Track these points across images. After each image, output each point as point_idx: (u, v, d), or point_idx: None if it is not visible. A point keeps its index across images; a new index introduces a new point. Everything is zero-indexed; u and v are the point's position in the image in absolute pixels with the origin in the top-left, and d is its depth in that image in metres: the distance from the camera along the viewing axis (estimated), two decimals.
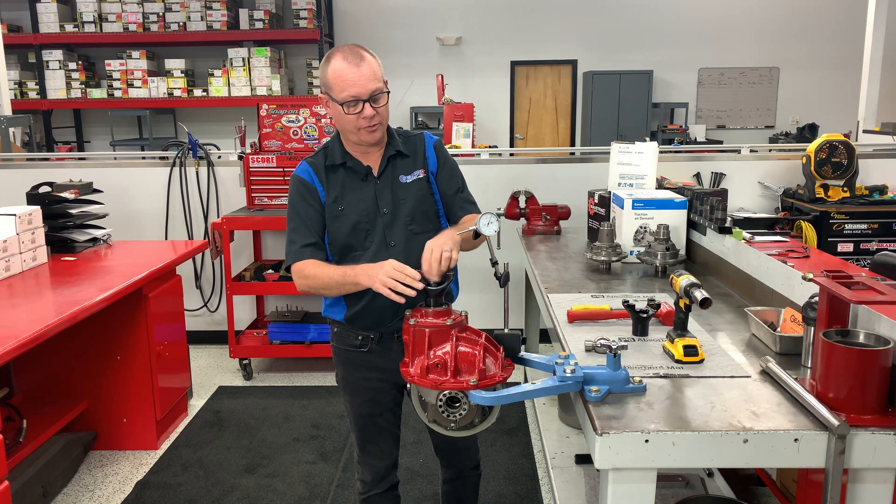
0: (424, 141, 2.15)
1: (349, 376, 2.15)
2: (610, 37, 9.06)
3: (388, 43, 9.07)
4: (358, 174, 2.03)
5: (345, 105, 1.91)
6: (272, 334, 4.22)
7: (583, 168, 4.47)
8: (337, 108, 1.94)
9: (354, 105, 1.91)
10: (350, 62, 1.91)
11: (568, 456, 2.99)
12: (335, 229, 2.02)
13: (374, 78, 1.92)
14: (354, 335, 2.09)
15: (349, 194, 2.02)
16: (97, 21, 8.53)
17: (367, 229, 2.01)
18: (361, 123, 1.94)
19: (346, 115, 1.93)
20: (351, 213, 2.01)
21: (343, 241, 2.01)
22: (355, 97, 1.90)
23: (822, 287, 1.66)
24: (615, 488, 1.51)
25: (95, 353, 3.30)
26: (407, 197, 2.05)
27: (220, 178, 4.59)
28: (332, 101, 1.95)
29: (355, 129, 1.95)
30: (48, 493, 2.96)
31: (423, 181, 2.09)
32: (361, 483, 2.21)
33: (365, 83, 1.91)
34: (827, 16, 8.86)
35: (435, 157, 2.14)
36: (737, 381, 1.74)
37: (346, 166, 2.03)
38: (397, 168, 2.07)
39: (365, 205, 2.01)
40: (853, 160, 4.06)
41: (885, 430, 1.46)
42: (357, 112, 1.92)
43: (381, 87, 1.94)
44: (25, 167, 4.72)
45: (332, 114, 1.99)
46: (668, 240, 2.88)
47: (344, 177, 2.03)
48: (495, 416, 1.71)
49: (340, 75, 1.90)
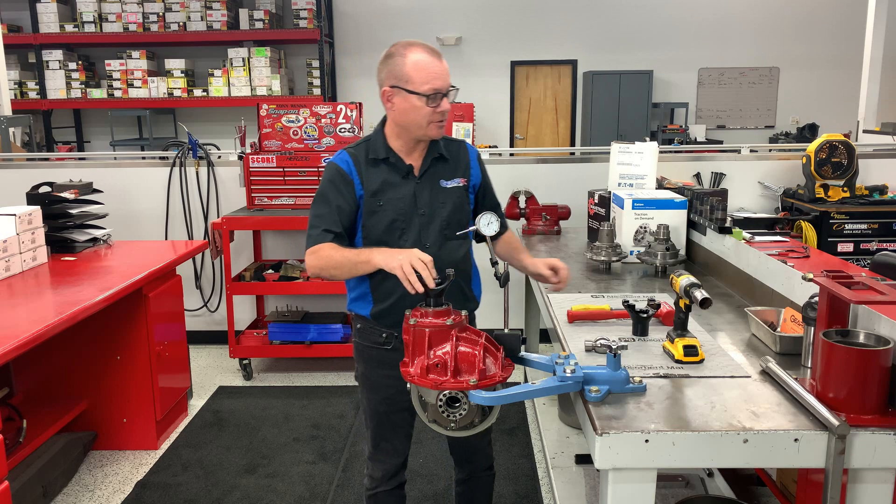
0: (468, 151, 2.16)
1: (370, 373, 2.14)
2: (610, 37, 9.06)
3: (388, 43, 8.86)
4: (399, 171, 2.03)
5: (428, 97, 1.91)
6: (272, 334, 4.22)
7: (583, 168, 4.47)
8: (411, 100, 1.93)
9: (436, 98, 1.92)
10: (433, 56, 1.94)
11: (568, 456, 2.99)
12: (372, 224, 2.01)
13: (449, 74, 1.96)
14: (379, 332, 2.09)
15: (389, 190, 2.01)
16: (97, 21, 8.53)
17: (402, 227, 2.01)
18: (435, 118, 1.95)
19: (423, 107, 1.92)
20: (389, 209, 2.01)
21: (378, 236, 2.01)
22: (438, 90, 1.92)
23: (822, 287, 1.66)
24: (615, 488, 1.51)
25: (95, 353, 3.30)
26: (446, 201, 2.06)
27: (220, 178, 4.59)
28: (405, 93, 1.93)
29: (426, 122, 1.95)
30: (48, 493, 2.96)
31: (463, 190, 2.11)
32: (370, 479, 2.21)
33: (446, 77, 1.94)
34: (827, 16, 8.86)
35: (479, 170, 2.17)
36: (737, 381, 1.74)
37: (388, 162, 2.03)
38: (439, 171, 2.07)
39: (403, 203, 2.01)
40: (853, 160, 4.06)
41: (885, 430, 1.46)
42: (436, 105, 1.93)
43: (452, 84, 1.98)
44: (25, 167, 4.72)
45: (400, 107, 1.96)
46: (668, 240, 2.88)
47: (385, 172, 2.02)
48: (495, 416, 1.71)
49: (424, 67, 1.92)
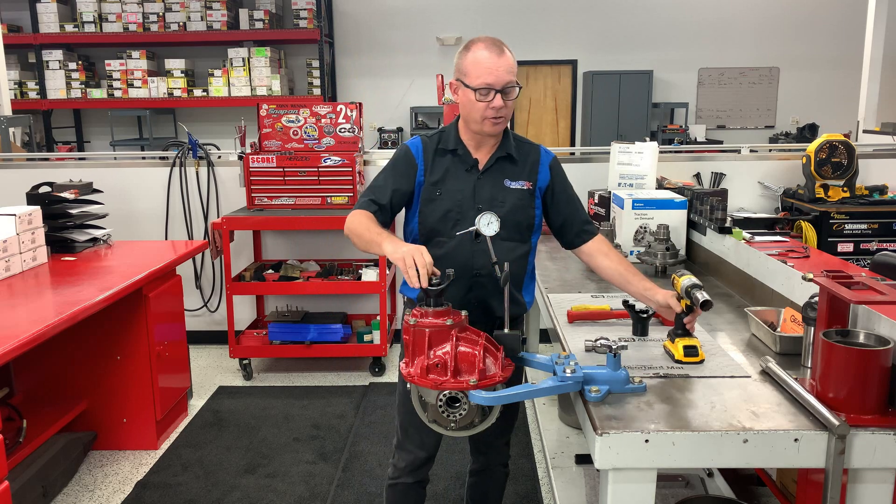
0: (540, 154, 2.14)
1: None
2: (610, 37, 9.06)
3: (388, 43, 9.07)
4: (464, 164, 2.05)
5: (478, 91, 1.93)
6: (272, 334, 4.22)
7: (583, 168, 4.47)
8: (468, 94, 1.95)
9: (486, 93, 1.93)
10: (491, 51, 1.94)
11: (568, 456, 2.99)
12: (428, 211, 2.04)
13: (510, 71, 1.95)
14: None
15: (450, 181, 2.04)
16: (97, 21, 8.52)
17: (456, 219, 2.02)
18: (489, 113, 1.95)
19: (476, 101, 1.94)
20: (446, 199, 2.03)
21: (432, 224, 2.03)
22: (489, 86, 1.92)
23: (822, 287, 1.66)
24: (615, 488, 1.51)
25: (95, 353, 3.30)
26: (506, 200, 2.06)
27: (220, 178, 4.59)
28: (464, 87, 1.97)
29: (481, 118, 1.97)
30: (48, 493, 2.96)
31: (526, 193, 2.09)
32: (393, 468, 2.21)
33: (501, 74, 1.93)
34: (827, 16, 8.86)
35: (549, 175, 2.13)
36: (737, 381, 1.74)
37: (456, 153, 2.06)
38: (505, 170, 2.07)
39: (462, 195, 2.03)
40: (853, 160, 4.06)
41: (885, 430, 1.46)
42: (488, 101, 1.93)
43: (515, 80, 1.96)
44: (25, 167, 4.72)
45: (461, 100, 2.00)
46: (668, 240, 2.88)
47: (450, 163, 2.06)
48: (495, 416, 1.71)
49: (479, 62, 1.93)
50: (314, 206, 4.18)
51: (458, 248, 2.00)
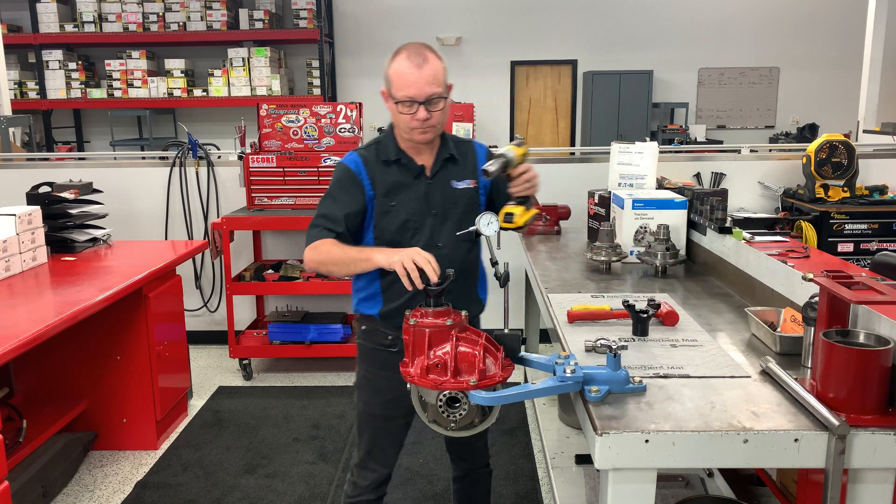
0: (475, 150, 2.15)
1: (372, 375, 2.13)
2: (610, 37, 9.06)
3: (388, 43, 8.99)
4: (411, 172, 2.03)
5: (400, 104, 1.92)
6: (272, 334, 4.22)
7: (583, 168, 4.47)
8: (393, 105, 1.96)
9: (409, 106, 1.91)
10: (412, 62, 1.91)
11: (568, 456, 2.99)
12: (384, 224, 2.02)
13: (434, 82, 1.92)
14: (384, 334, 2.07)
15: (402, 191, 2.02)
16: (97, 21, 8.52)
17: (415, 227, 2.01)
18: (413, 124, 1.94)
19: (400, 113, 1.94)
20: (401, 209, 2.01)
21: (391, 236, 2.01)
22: (411, 98, 1.91)
23: (822, 287, 1.66)
24: (615, 488, 1.51)
25: (95, 353, 3.30)
26: (458, 202, 2.06)
27: (220, 178, 4.59)
28: (389, 97, 1.96)
29: (408, 128, 1.96)
30: (48, 493, 2.96)
31: (473, 191, 2.10)
32: (354, 486, 2.18)
33: (422, 86, 1.90)
34: (827, 16, 8.86)
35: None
36: (737, 381, 1.74)
37: (399, 163, 2.03)
38: (450, 172, 2.07)
39: (416, 203, 2.02)
40: (853, 160, 4.06)
41: (885, 430, 1.46)
42: (411, 113, 1.92)
43: (440, 91, 1.94)
44: (25, 167, 4.72)
45: (389, 109, 2.00)
46: (668, 240, 2.88)
47: (397, 173, 2.03)
48: (495, 417, 1.71)
49: (401, 74, 1.91)
50: (314, 206, 4.10)
51: None
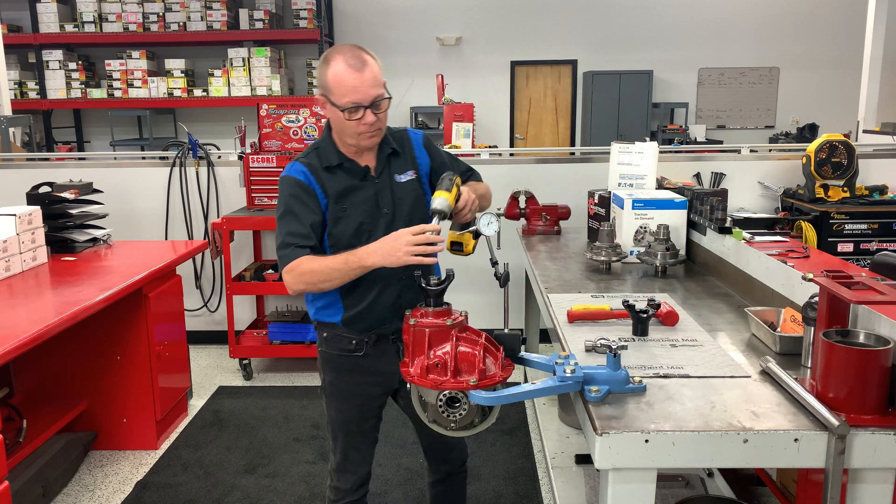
0: (410, 139, 2.11)
1: (339, 382, 2.10)
2: (610, 37, 9.06)
3: (388, 43, 9.07)
4: (356, 174, 1.99)
5: (346, 111, 1.87)
6: (272, 334, 4.22)
7: (583, 168, 4.47)
8: (336, 112, 1.89)
9: (355, 111, 1.87)
10: (352, 66, 1.85)
11: (568, 456, 2.99)
12: (338, 231, 1.97)
13: (376, 84, 1.88)
14: (349, 339, 2.04)
15: (351, 195, 1.98)
16: (97, 21, 8.53)
17: (369, 230, 1.98)
18: (361, 129, 1.90)
19: (346, 121, 1.89)
20: (354, 214, 1.97)
21: (347, 241, 1.97)
22: (357, 103, 1.86)
23: (822, 287, 1.66)
24: (615, 488, 1.51)
25: (95, 353, 3.30)
26: (404, 197, 2.03)
27: (220, 178, 4.59)
28: (330, 105, 1.90)
29: (354, 134, 1.91)
30: (48, 493, 2.96)
31: (416, 182, 2.07)
32: (335, 491, 2.16)
33: (367, 89, 1.86)
34: (827, 16, 8.87)
35: (427, 156, 2.12)
36: (737, 381, 1.74)
37: (343, 167, 1.99)
38: (393, 167, 2.04)
39: (367, 205, 1.98)
40: (853, 160, 4.06)
41: (885, 430, 1.46)
42: (358, 118, 1.88)
43: (383, 92, 1.90)
44: (25, 167, 4.72)
45: (329, 116, 1.95)
46: (668, 240, 2.88)
47: (343, 177, 1.98)
48: (495, 416, 1.71)
49: (342, 80, 1.86)
50: None
51: None
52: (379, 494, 2.95)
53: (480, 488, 3.00)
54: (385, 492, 2.98)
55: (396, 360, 2.06)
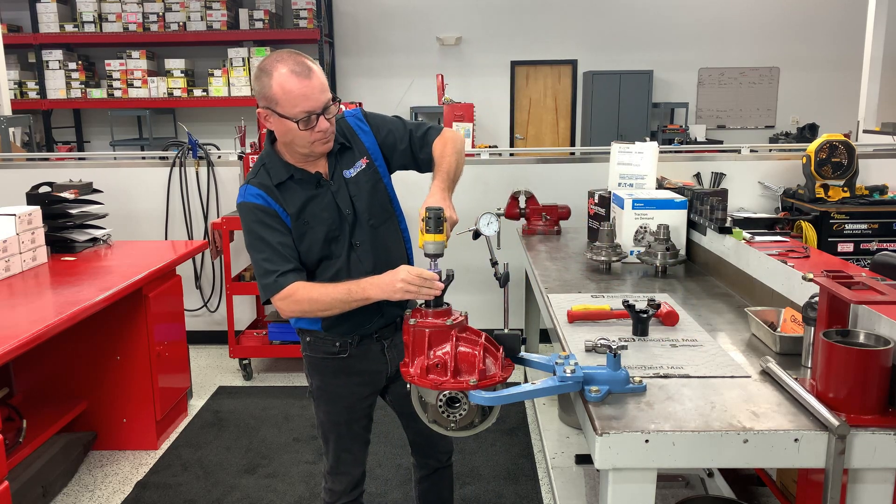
0: (350, 125, 2.01)
1: (326, 385, 2.09)
2: (610, 37, 9.06)
3: (388, 43, 9.07)
4: (310, 183, 1.92)
5: (300, 122, 1.79)
6: (272, 334, 4.22)
7: (583, 168, 4.47)
8: (286, 123, 1.81)
9: (308, 120, 1.80)
10: (298, 74, 1.78)
11: (568, 456, 2.99)
12: (306, 246, 1.92)
13: (324, 89, 1.81)
14: (332, 342, 2.02)
15: (310, 206, 1.91)
16: (97, 21, 8.53)
17: (336, 236, 1.93)
18: (316, 137, 1.84)
19: (300, 131, 1.81)
20: (318, 224, 1.91)
21: (318, 254, 1.93)
22: (310, 111, 1.79)
23: (822, 287, 1.66)
24: (615, 488, 1.51)
25: (95, 353, 3.30)
26: (358, 192, 1.95)
27: (220, 178, 4.59)
28: (277, 117, 1.81)
29: (308, 143, 1.85)
30: (48, 493, 2.96)
31: (368, 169, 1.98)
32: (330, 493, 2.16)
33: (318, 96, 1.79)
34: (827, 16, 8.87)
35: (371, 132, 2.02)
36: (737, 381, 1.74)
37: (294, 179, 1.91)
38: (343, 163, 1.96)
39: (328, 212, 1.92)
40: (853, 160, 4.06)
41: (885, 430, 1.46)
42: (311, 127, 1.81)
43: (330, 97, 1.84)
44: (25, 167, 4.72)
45: (277, 129, 1.86)
46: (668, 240, 2.88)
47: (297, 190, 1.91)
48: (495, 417, 1.71)
49: (290, 90, 1.77)
50: None
51: (348, 262, 1.93)
52: (379, 494, 2.95)
53: (480, 488, 3.00)
54: (385, 492, 2.98)
55: (382, 358, 2.07)
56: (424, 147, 2.03)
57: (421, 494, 2.33)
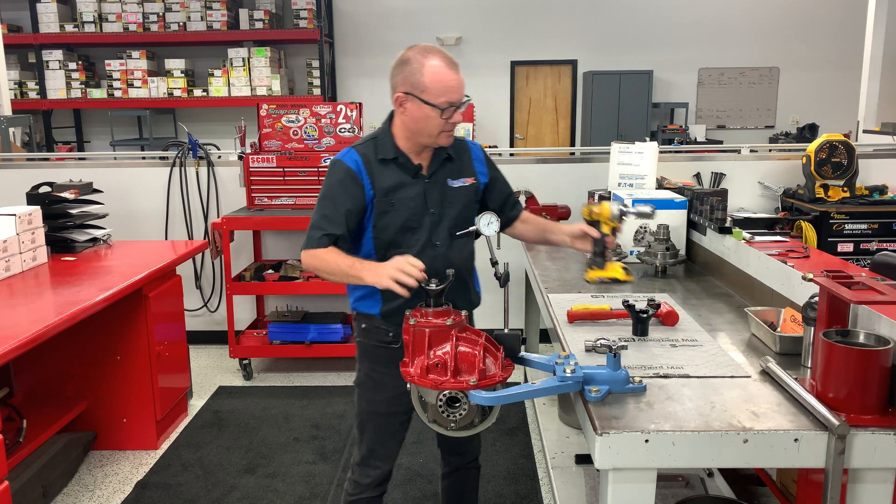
0: (469, 149, 2.17)
1: (374, 373, 2.12)
2: (610, 37, 9.06)
3: (388, 43, 9.06)
4: (408, 171, 2.03)
5: (444, 111, 1.91)
6: (272, 334, 4.22)
7: (583, 168, 4.47)
8: (424, 109, 1.92)
9: (447, 111, 1.92)
10: (451, 68, 1.92)
11: (568, 456, 3.00)
12: (384, 224, 2.02)
13: (464, 86, 1.96)
14: (385, 331, 2.07)
15: (399, 191, 2.01)
16: (97, 21, 8.52)
17: (414, 227, 2.02)
18: (447, 128, 1.95)
19: (436, 118, 1.92)
20: (401, 209, 2.01)
21: (391, 236, 2.02)
22: (453, 103, 1.92)
23: (822, 287, 1.67)
24: (615, 488, 1.51)
25: (95, 353, 3.30)
26: (454, 201, 2.07)
27: (220, 178, 4.59)
28: (419, 102, 1.92)
29: (436, 132, 1.95)
30: (48, 493, 2.96)
31: (471, 189, 2.12)
32: (354, 485, 2.18)
33: (461, 91, 1.94)
34: (827, 16, 8.86)
35: (486, 168, 2.18)
36: (737, 381, 1.75)
37: (397, 162, 2.02)
38: (446, 171, 2.08)
39: (414, 203, 2.02)
40: (853, 160, 4.06)
41: (885, 430, 1.46)
42: (447, 118, 1.93)
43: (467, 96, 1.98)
44: (25, 167, 4.72)
45: (413, 114, 1.96)
46: (668, 240, 2.88)
47: (396, 172, 2.02)
48: (495, 416, 1.71)
49: (443, 79, 1.91)
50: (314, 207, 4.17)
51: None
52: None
53: (480, 488, 2.99)
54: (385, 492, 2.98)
55: None
56: (515, 208, 2.29)
57: (444, 490, 2.38)
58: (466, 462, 2.31)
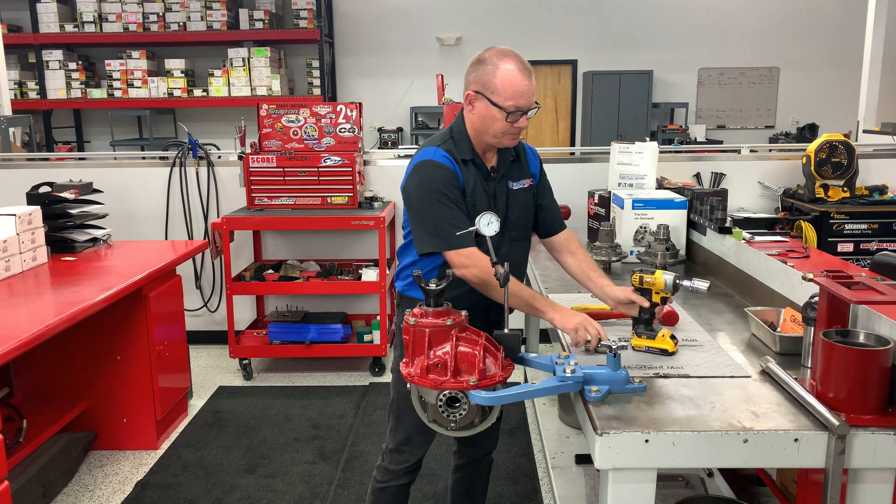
0: (526, 149, 2.19)
1: None
2: (610, 37, 9.06)
3: (388, 43, 9.07)
4: (483, 172, 2.05)
5: (510, 114, 1.93)
6: (272, 334, 4.22)
7: (583, 168, 4.47)
8: (492, 110, 1.94)
9: (514, 114, 1.93)
10: (524, 73, 1.93)
11: (568, 456, 2.99)
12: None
13: (535, 93, 1.98)
14: None
15: (477, 191, 2.03)
16: (97, 21, 8.52)
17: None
18: (511, 131, 1.97)
19: (501, 120, 1.93)
20: (480, 209, 2.00)
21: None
22: (520, 108, 1.93)
23: (822, 287, 1.67)
24: (615, 488, 1.52)
25: (95, 353, 3.30)
26: (514, 203, 2.09)
27: (220, 178, 4.59)
28: (488, 102, 1.94)
29: (500, 133, 1.97)
30: (48, 493, 2.96)
31: (529, 191, 2.14)
32: (384, 471, 2.18)
33: (531, 97, 1.95)
34: (827, 16, 8.86)
35: (539, 168, 2.21)
36: (737, 381, 1.75)
37: (474, 163, 2.04)
38: (511, 173, 2.10)
39: (486, 205, 2.03)
40: (853, 160, 4.06)
41: (885, 430, 1.46)
42: (513, 122, 1.94)
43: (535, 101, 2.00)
44: (25, 167, 4.72)
45: (481, 113, 1.97)
46: (668, 240, 2.88)
47: (473, 172, 2.04)
48: (495, 416, 1.71)
49: (514, 83, 1.91)
50: (314, 206, 4.18)
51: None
52: None
53: None
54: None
55: None
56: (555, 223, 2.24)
57: (456, 482, 2.39)
58: (482, 454, 2.34)
